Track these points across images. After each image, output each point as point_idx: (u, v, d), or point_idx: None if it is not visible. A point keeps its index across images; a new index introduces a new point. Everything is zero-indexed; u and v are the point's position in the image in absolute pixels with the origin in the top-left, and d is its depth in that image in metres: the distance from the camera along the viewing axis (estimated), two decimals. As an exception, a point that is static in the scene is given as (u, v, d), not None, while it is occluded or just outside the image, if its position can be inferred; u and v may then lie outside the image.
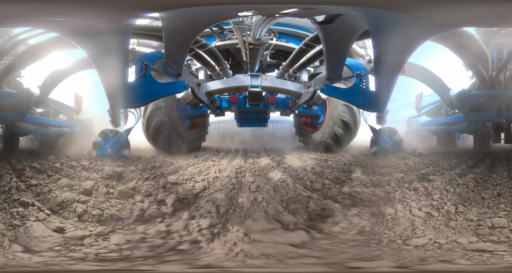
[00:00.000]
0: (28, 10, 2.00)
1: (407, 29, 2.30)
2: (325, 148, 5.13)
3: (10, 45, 4.30)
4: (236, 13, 2.32)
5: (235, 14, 2.38)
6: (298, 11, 2.22)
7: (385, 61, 2.81)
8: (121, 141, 3.92)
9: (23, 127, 4.54)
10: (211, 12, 2.30)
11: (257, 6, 2.26)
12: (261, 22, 3.21)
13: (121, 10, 2.12)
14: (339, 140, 5.05)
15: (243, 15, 2.57)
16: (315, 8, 2.23)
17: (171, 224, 1.53)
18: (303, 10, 2.25)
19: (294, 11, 2.21)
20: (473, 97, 4.52)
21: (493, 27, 4.47)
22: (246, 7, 2.19)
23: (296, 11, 2.21)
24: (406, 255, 1.26)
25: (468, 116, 4.63)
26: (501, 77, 4.31)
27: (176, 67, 3.34)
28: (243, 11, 2.27)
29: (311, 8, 2.20)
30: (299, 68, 4.25)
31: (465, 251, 1.29)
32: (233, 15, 2.78)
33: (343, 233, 1.50)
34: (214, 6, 2.14)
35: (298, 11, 2.23)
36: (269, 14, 2.77)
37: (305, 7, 2.18)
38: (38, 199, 1.85)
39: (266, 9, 2.46)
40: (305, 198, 1.85)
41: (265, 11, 2.60)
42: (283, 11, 2.30)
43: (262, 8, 2.38)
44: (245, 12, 2.32)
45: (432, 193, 2.04)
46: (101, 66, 2.83)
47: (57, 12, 2.06)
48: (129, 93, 3.10)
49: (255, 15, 3.02)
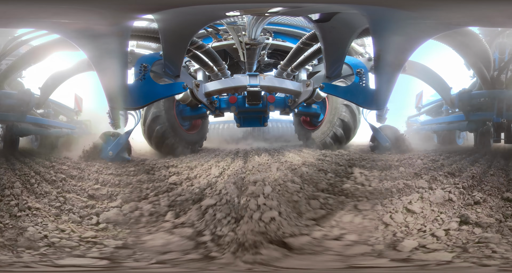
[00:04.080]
0: (32, 12, 2.01)
1: (410, 27, 2.27)
2: (324, 147, 5.12)
3: (13, 46, 4.31)
4: (224, 13, 2.31)
5: (223, 14, 2.37)
6: (285, 9, 2.20)
7: (386, 59, 2.78)
8: (122, 143, 3.92)
9: (23, 128, 4.56)
10: (201, 13, 2.29)
11: (243, 5, 2.24)
12: (254, 22, 3.20)
13: (119, 12, 2.12)
14: (339, 139, 5.05)
15: (232, 15, 2.56)
16: (302, 7, 2.20)
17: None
18: (290, 8, 2.23)
19: (282, 10, 2.20)
20: (474, 97, 4.50)
21: (499, 27, 4.42)
22: (232, 6, 2.17)
23: (283, 9, 2.19)
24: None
25: (468, 116, 4.61)
26: (503, 77, 4.30)
27: (175, 69, 3.34)
28: (230, 10, 2.25)
29: (297, 6, 2.17)
30: (298, 67, 4.23)
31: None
32: (221, 15, 2.76)
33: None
34: (202, 6, 2.13)
35: (286, 9, 2.21)
36: (258, 13, 2.75)
37: (291, 6, 2.15)
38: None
39: (252, 8, 2.44)
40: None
41: (252, 10, 2.58)
42: (271, 10, 2.28)
43: (248, 7, 2.36)
44: (232, 11, 2.30)
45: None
46: (101, 67, 2.82)
47: (60, 13, 2.06)
48: (128, 95, 3.10)
49: (244, 14, 3.00)
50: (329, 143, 5.09)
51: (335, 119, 5.04)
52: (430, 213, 1.68)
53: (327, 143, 5.11)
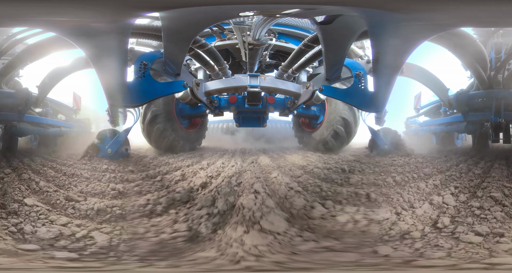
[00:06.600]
0: (25, 10, 2.00)
1: (405, 30, 2.31)
2: (325, 147, 5.13)
3: (8, 45, 4.28)
4: (238, 13, 2.32)
5: (237, 14, 2.38)
6: (299, 11, 2.22)
7: (384, 62, 2.81)
8: (121, 141, 3.91)
9: (21, 127, 4.53)
10: (212, 12, 2.30)
11: (259, 6, 2.26)
12: (261, 22, 3.22)
13: (120, 10, 2.11)
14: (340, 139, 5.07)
15: (245, 15, 2.57)
16: (317, 9, 2.23)
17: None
18: (305, 10, 2.25)
19: (296, 11, 2.22)
20: (471, 97, 4.53)
21: (491, 27, 4.48)
22: (248, 7, 2.18)
23: (297, 11, 2.21)
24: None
25: (466, 116, 4.64)
26: (500, 77, 4.32)
27: (175, 67, 3.34)
28: (245, 11, 2.26)
29: (313, 8, 2.20)
30: (298, 69, 4.25)
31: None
32: (234, 15, 2.78)
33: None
34: (215, 6, 2.14)
35: (300, 11, 2.23)
36: (271, 14, 2.77)
37: (307, 7, 2.18)
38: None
39: (267, 9, 2.46)
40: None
41: (267, 11, 2.60)
42: (284, 11, 2.30)
43: (264, 8, 2.38)
44: (247, 12, 2.31)
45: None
46: (100, 65, 2.82)
47: (55, 11, 2.05)
48: (128, 93, 3.10)
49: (257, 15, 3.02)
50: (330, 142, 5.10)
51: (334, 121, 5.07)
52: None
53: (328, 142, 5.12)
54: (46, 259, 1.24)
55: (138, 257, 1.25)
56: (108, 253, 1.29)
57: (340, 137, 5.05)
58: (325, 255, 1.26)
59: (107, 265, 1.20)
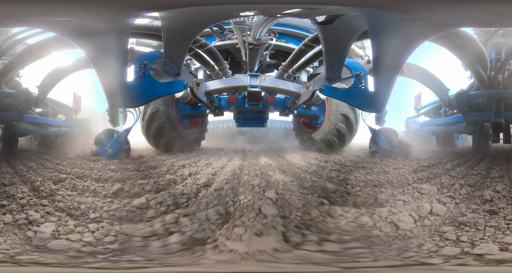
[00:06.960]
0: (25, 10, 2.00)
1: (406, 30, 2.32)
2: (327, 145, 5.12)
3: (8, 45, 4.28)
4: (238, 13, 2.33)
5: (237, 14, 2.39)
6: (300, 11, 2.22)
7: (384, 62, 2.82)
8: (121, 141, 3.91)
9: (22, 127, 4.53)
10: (213, 12, 2.30)
11: (260, 6, 2.26)
12: (262, 22, 3.22)
13: (120, 10, 2.12)
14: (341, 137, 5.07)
15: (245, 15, 2.58)
16: (317, 8, 2.24)
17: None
18: (305, 10, 2.26)
19: (296, 11, 2.22)
20: (471, 97, 4.52)
21: (491, 27, 4.48)
22: (248, 7, 2.19)
23: (298, 11, 2.21)
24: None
25: (466, 117, 4.63)
26: (500, 77, 4.31)
27: (175, 67, 3.34)
28: (245, 11, 2.27)
29: (313, 8, 2.21)
30: (299, 69, 4.25)
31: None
32: (235, 15, 2.79)
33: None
34: (215, 6, 2.14)
35: (300, 11, 2.23)
36: (271, 14, 2.77)
37: (307, 7, 2.18)
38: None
39: (268, 9, 2.47)
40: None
41: (268, 11, 2.61)
42: (285, 11, 2.30)
43: (265, 8, 2.38)
44: (247, 12, 2.32)
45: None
46: (100, 65, 2.82)
47: (55, 11, 2.05)
48: (128, 93, 3.10)
49: (257, 15, 3.02)
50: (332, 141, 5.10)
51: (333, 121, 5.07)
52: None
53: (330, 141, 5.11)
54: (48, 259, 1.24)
55: (141, 257, 1.26)
56: (110, 253, 1.29)
57: (341, 135, 5.02)
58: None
59: (111, 264, 1.20)
